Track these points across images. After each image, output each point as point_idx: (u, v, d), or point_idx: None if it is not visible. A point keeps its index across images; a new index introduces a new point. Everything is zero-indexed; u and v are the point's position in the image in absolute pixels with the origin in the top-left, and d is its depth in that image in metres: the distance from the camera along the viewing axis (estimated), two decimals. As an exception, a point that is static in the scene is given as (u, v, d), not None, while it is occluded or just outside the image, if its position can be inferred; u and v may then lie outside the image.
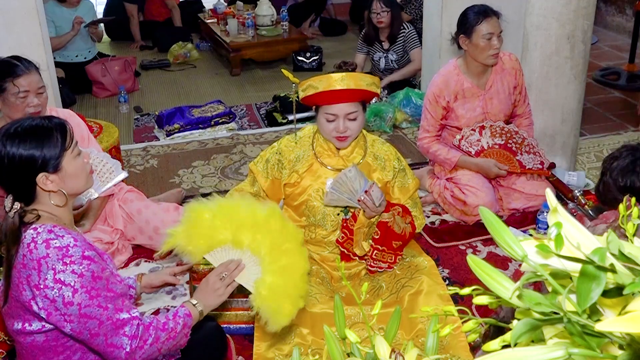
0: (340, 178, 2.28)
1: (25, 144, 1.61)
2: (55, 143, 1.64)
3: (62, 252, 1.56)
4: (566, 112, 3.38)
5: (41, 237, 1.58)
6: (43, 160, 1.62)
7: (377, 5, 4.48)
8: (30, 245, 1.57)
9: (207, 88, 5.38)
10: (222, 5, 6.43)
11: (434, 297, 2.31)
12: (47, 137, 1.64)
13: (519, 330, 0.66)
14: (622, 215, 0.74)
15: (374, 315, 0.98)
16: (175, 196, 3.36)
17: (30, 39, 3.41)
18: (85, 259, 1.57)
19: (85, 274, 1.56)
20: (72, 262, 1.55)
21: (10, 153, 1.60)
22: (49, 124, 1.66)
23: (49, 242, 1.57)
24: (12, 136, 1.61)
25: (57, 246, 1.56)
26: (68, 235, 1.60)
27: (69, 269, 1.55)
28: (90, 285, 1.57)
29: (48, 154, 1.62)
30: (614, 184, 2.09)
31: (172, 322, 1.71)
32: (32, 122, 1.66)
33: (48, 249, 1.56)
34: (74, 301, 1.55)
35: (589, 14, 3.17)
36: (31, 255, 1.56)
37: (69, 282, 1.54)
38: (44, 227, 1.60)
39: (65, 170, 1.66)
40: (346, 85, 2.24)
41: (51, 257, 1.55)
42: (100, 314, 1.58)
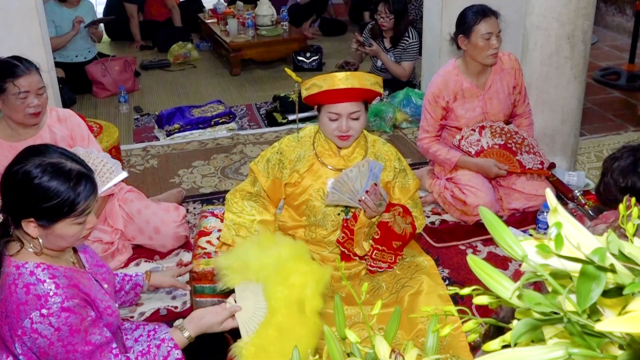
0: (342, 178, 2.29)
1: (46, 181, 1.50)
2: (66, 204, 1.51)
3: (41, 301, 1.48)
4: (566, 112, 3.38)
5: (22, 280, 1.51)
6: (42, 209, 1.50)
7: (382, 8, 4.46)
8: (11, 287, 1.51)
9: (207, 88, 5.38)
10: (222, 5, 6.43)
11: (434, 297, 2.31)
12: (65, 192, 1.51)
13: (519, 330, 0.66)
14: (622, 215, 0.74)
15: (374, 315, 0.98)
16: (175, 196, 3.36)
17: (30, 39, 3.41)
18: (64, 311, 1.50)
19: (62, 328, 1.49)
20: (49, 314, 1.48)
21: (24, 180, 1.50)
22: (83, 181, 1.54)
23: (29, 288, 1.49)
24: (39, 166, 1.51)
25: (37, 294, 1.49)
26: (50, 280, 1.52)
27: (46, 321, 1.48)
28: (67, 339, 1.50)
29: (53, 206, 1.50)
30: (615, 185, 2.08)
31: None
32: (72, 167, 1.54)
33: (27, 295, 1.49)
34: (50, 352, 1.50)
35: (589, 14, 3.17)
36: (11, 299, 1.50)
37: (45, 334, 1.48)
38: (26, 268, 1.53)
39: (54, 231, 1.54)
40: (350, 84, 2.24)
41: (29, 305, 1.48)
42: None
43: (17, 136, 2.64)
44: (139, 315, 2.57)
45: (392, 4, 4.42)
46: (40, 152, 1.56)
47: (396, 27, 4.50)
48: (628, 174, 2.06)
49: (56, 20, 4.96)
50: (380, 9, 4.48)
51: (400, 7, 4.49)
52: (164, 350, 1.66)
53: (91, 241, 2.73)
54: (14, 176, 1.53)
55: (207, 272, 2.40)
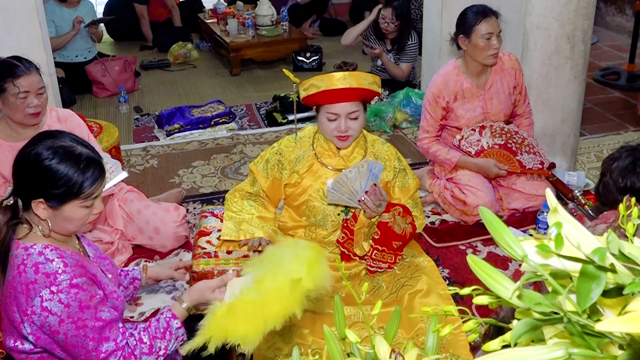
0: (341, 178, 2.29)
1: (55, 164, 1.54)
2: (75, 186, 1.55)
3: (50, 279, 1.51)
4: (566, 112, 3.38)
5: (31, 259, 1.54)
6: (53, 190, 1.54)
7: (387, 12, 4.44)
8: (19, 267, 1.53)
9: (207, 88, 5.38)
10: (222, 5, 6.43)
11: (434, 296, 2.31)
12: (76, 174, 1.55)
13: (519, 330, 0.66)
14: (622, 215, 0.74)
15: (374, 315, 0.98)
16: (175, 196, 3.36)
17: (30, 39, 3.41)
18: (73, 287, 1.53)
19: (72, 304, 1.52)
20: (59, 290, 1.51)
21: (36, 161, 1.54)
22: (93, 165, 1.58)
23: (37, 267, 1.52)
24: (51, 149, 1.55)
25: (45, 272, 1.52)
26: (59, 259, 1.56)
27: (56, 298, 1.50)
28: (77, 315, 1.52)
29: (61, 188, 1.54)
30: (614, 185, 2.08)
31: (160, 342, 1.66)
32: (81, 151, 1.58)
33: (36, 274, 1.52)
34: (60, 330, 1.52)
35: (589, 14, 3.17)
36: (20, 279, 1.52)
37: (55, 311, 1.50)
38: (34, 248, 1.56)
39: (62, 212, 1.57)
40: (348, 84, 2.24)
41: (39, 284, 1.51)
42: (86, 344, 1.54)
43: (17, 136, 2.64)
44: (139, 315, 2.57)
45: (398, 10, 4.40)
46: (52, 136, 1.61)
47: (401, 32, 4.48)
48: (627, 174, 2.06)
49: (56, 20, 4.95)
50: (385, 12, 4.46)
51: (405, 12, 4.46)
52: (163, 322, 1.69)
53: (91, 241, 2.73)
54: (25, 157, 1.57)
55: (207, 272, 2.39)
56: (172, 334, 1.69)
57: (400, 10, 4.41)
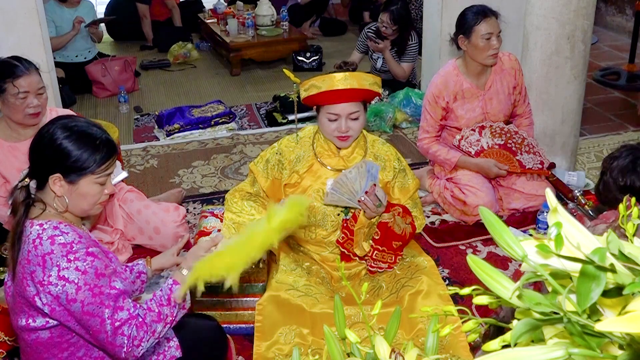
0: (341, 179, 2.29)
1: (71, 140, 1.64)
2: (91, 160, 1.65)
3: (67, 248, 1.58)
4: (566, 112, 3.38)
5: (46, 233, 1.60)
6: (71, 164, 1.63)
7: (384, 16, 4.43)
8: (35, 241, 1.59)
9: (207, 88, 5.38)
10: (222, 5, 6.43)
11: (434, 297, 2.31)
12: (91, 150, 1.65)
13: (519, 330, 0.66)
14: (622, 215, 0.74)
15: (374, 315, 0.98)
16: (175, 196, 3.36)
17: (30, 39, 3.41)
18: (89, 255, 1.60)
19: (88, 271, 1.58)
20: (76, 258, 1.58)
21: (54, 137, 1.63)
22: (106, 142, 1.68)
23: (53, 239, 1.59)
24: (67, 127, 1.65)
25: (62, 242, 1.59)
26: (73, 232, 1.63)
27: (73, 265, 1.57)
28: (94, 282, 1.58)
29: (78, 162, 1.63)
30: (614, 184, 2.09)
31: (167, 309, 1.72)
32: (95, 132, 1.68)
33: (53, 245, 1.58)
34: (77, 298, 1.56)
35: (589, 14, 3.17)
36: (36, 251, 1.58)
37: (73, 279, 1.56)
38: (49, 224, 1.63)
39: (78, 188, 1.66)
40: (349, 85, 2.24)
41: (55, 254, 1.57)
42: (102, 311, 1.59)
43: (16, 136, 2.64)
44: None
45: (395, 14, 4.39)
46: (67, 118, 1.72)
47: (400, 34, 4.47)
48: (627, 173, 2.06)
49: (56, 20, 4.95)
50: (382, 17, 4.45)
51: (404, 16, 4.43)
52: (167, 290, 1.74)
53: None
54: (43, 136, 1.66)
55: None
56: (183, 307, 1.75)
57: (397, 14, 4.39)
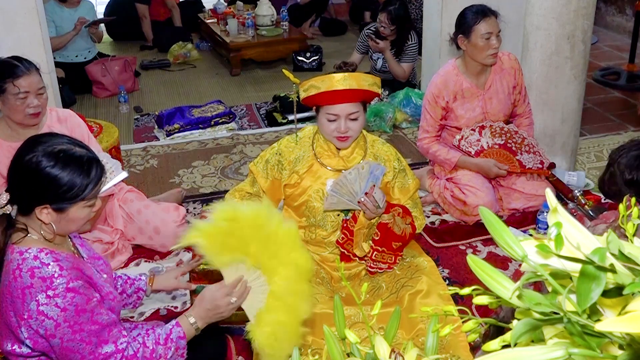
0: (341, 180, 2.29)
1: (59, 169, 1.53)
2: (81, 188, 1.56)
3: (46, 283, 1.50)
4: (566, 112, 3.38)
5: (26, 264, 1.53)
6: (60, 195, 1.54)
7: (383, 17, 4.43)
8: (15, 272, 1.52)
9: (207, 88, 5.38)
10: (222, 5, 6.43)
11: (434, 297, 2.31)
12: (80, 177, 1.55)
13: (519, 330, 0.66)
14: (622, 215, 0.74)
15: (373, 315, 0.98)
16: (175, 196, 3.36)
17: (30, 39, 3.41)
18: (70, 292, 1.52)
19: (68, 308, 1.51)
20: (55, 295, 1.50)
21: (38, 167, 1.52)
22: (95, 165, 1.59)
23: (33, 271, 1.51)
24: (51, 154, 1.54)
25: (41, 276, 1.51)
26: (54, 262, 1.55)
27: (52, 302, 1.50)
28: (74, 319, 1.52)
29: (68, 193, 1.54)
30: (620, 176, 2.09)
31: (162, 349, 1.66)
32: (82, 155, 1.58)
33: (32, 278, 1.51)
34: (56, 334, 1.51)
35: (589, 14, 3.17)
36: (15, 283, 1.51)
37: (52, 315, 1.50)
38: (30, 252, 1.55)
39: (67, 215, 1.58)
40: (348, 86, 2.24)
41: (35, 288, 1.50)
42: (83, 348, 1.54)
43: (16, 136, 2.64)
44: (139, 315, 2.57)
45: (393, 14, 4.39)
46: (45, 140, 1.58)
47: (399, 34, 4.47)
48: (635, 168, 2.07)
49: (56, 20, 4.95)
50: (380, 17, 4.45)
51: (402, 16, 4.43)
52: (167, 329, 1.70)
53: (91, 241, 2.73)
54: (26, 165, 1.54)
55: (207, 272, 2.39)
56: (173, 341, 1.68)
57: (395, 14, 4.39)
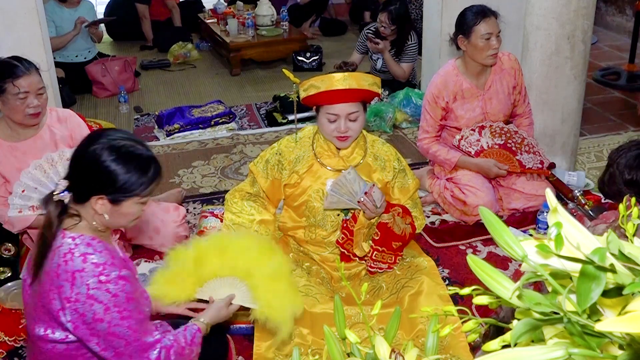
0: (340, 180, 2.29)
1: (119, 163, 1.59)
2: (138, 184, 1.61)
3: (99, 269, 1.55)
4: (566, 112, 3.38)
5: (79, 249, 1.57)
6: (117, 187, 1.59)
7: (383, 17, 4.42)
8: (66, 256, 1.55)
9: (207, 88, 5.38)
10: (222, 5, 6.43)
11: (434, 297, 2.31)
12: (138, 174, 1.61)
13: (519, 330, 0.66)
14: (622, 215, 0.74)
15: (374, 315, 0.98)
16: (175, 196, 3.36)
17: (30, 39, 3.41)
18: (121, 279, 1.57)
19: (119, 295, 1.55)
20: (107, 281, 1.54)
21: (100, 159, 1.58)
22: (153, 165, 1.65)
23: (86, 257, 1.56)
24: (114, 148, 1.59)
25: (95, 262, 1.55)
26: (106, 251, 1.60)
27: (104, 287, 1.54)
28: (123, 306, 1.56)
29: (124, 186, 1.60)
30: (620, 176, 2.09)
31: (187, 349, 1.75)
32: (142, 152, 1.64)
33: (84, 263, 1.55)
34: (104, 319, 1.54)
35: (589, 14, 3.17)
36: (66, 267, 1.54)
37: (102, 299, 1.54)
38: (82, 239, 1.59)
39: (121, 208, 1.63)
40: (348, 85, 2.24)
41: (87, 272, 1.54)
42: (129, 335, 1.58)
43: (16, 136, 2.64)
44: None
45: (394, 14, 4.39)
46: (110, 134, 1.65)
47: (399, 34, 4.47)
48: (634, 168, 2.07)
49: (56, 20, 4.95)
50: (380, 17, 4.45)
51: (402, 15, 4.43)
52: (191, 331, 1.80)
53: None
54: (88, 156, 1.60)
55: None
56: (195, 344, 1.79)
57: (396, 14, 4.39)
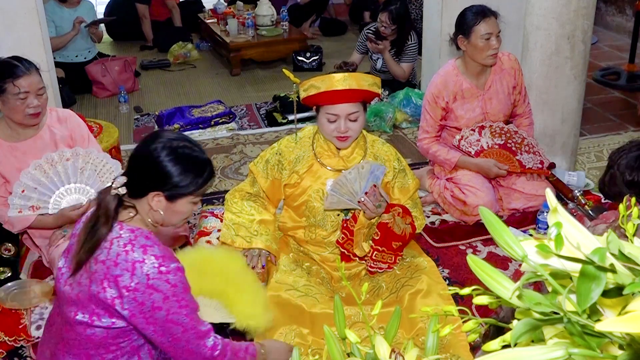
0: (340, 180, 2.29)
1: (176, 163, 1.68)
2: (193, 183, 1.70)
3: (159, 261, 1.62)
4: (566, 112, 3.38)
5: (138, 241, 1.64)
6: (173, 185, 1.68)
7: (384, 16, 4.42)
8: (126, 246, 1.62)
9: (207, 88, 5.38)
10: (222, 5, 6.43)
11: (434, 296, 2.31)
12: (194, 174, 1.70)
13: (519, 330, 0.66)
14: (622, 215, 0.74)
15: (374, 315, 0.98)
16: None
17: (30, 39, 3.41)
18: (179, 271, 1.64)
19: (178, 285, 1.63)
20: (167, 271, 1.61)
21: (159, 158, 1.67)
22: (209, 167, 1.74)
23: (146, 248, 1.63)
24: (172, 149, 1.68)
25: (155, 254, 1.62)
26: (162, 245, 1.68)
27: (164, 277, 1.60)
28: (181, 295, 1.63)
29: (181, 184, 1.69)
30: (621, 177, 2.09)
31: (242, 353, 1.82)
32: (198, 155, 1.73)
33: (145, 254, 1.61)
34: (163, 307, 1.61)
35: (589, 14, 3.17)
36: (126, 257, 1.60)
37: (162, 289, 1.60)
38: (140, 232, 1.67)
39: (175, 205, 1.72)
40: (348, 86, 2.24)
41: (147, 263, 1.60)
42: (186, 322, 1.65)
43: (16, 136, 2.64)
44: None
45: (394, 14, 4.39)
46: (170, 135, 1.74)
47: (399, 34, 4.47)
48: (635, 169, 2.07)
49: (56, 20, 4.95)
50: (381, 17, 4.45)
51: (403, 15, 4.43)
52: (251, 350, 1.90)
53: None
54: (147, 153, 1.69)
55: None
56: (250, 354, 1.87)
57: (396, 14, 4.39)
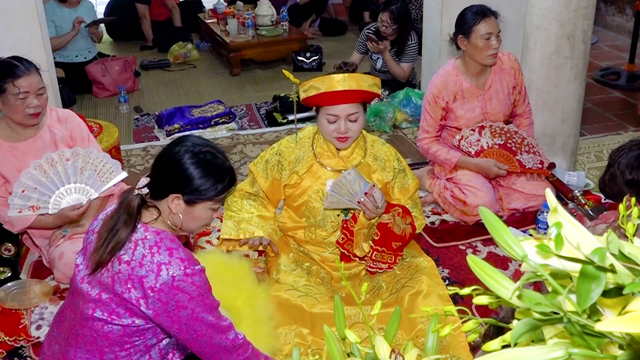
0: (340, 180, 2.29)
1: (198, 167, 1.70)
2: (213, 189, 1.72)
3: (185, 263, 1.64)
4: (566, 112, 3.38)
5: (164, 243, 1.67)
6: (193, 189, 1.70)
7: (385, 16, 4.42)
8: (152, 248, 1.65)
9: (207, 88, 5.38)
10: (222, 5, 6.43)
11: (434, 297, 2.31)
12: (215, 179, 1.72)
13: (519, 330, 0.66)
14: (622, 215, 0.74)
15: (374, 315, 0.98)
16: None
17: (30, 39, 3.41)
18: (202, 272, 1.68)
19: (202, 286, 1.66)
20: (193, 273, 1.65)
21: (181, 161, 1.70)
22: (230, 174, 1.76)
23: (172, 251, 1.66)
24: (195, 153, 1.71)
25: (180, 257, 1.66)
26: (185, 248, 1.71)
27: (189, 279, 1.64)
28: (206, 295, 1.67)
29: (200, 188, 1.71)
30: (621, 176, 2.09)
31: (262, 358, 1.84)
32: (221, 161, 1.75)
33: (171, 257, 1.64)
34: (188, 306, 1.64)
35: (589, 14, 3.17)
36: (152, 258, 1.63)
37: (187, 290, 1.63)
38: (165, 235, 1.69)
39: (194, 210, 1.74)
40: (348, 86, 2.24)
41: (173, 266, 1.63)
42: (209, 320, 1.68)
43: (16, 136, 2.64)
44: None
45: (395, 13, 4.39)
46: (195, 140, 1.78)
47: (400, 34, 4.47)
48: (635, 168, 2.07)
49: (56, 20, 4.95)
50: (382, 16, 4.45)
51: (403, 15, 4.43)
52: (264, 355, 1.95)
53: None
54: (171, 156, 1.73)
55: None
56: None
57: (397, 13, 4.39)
